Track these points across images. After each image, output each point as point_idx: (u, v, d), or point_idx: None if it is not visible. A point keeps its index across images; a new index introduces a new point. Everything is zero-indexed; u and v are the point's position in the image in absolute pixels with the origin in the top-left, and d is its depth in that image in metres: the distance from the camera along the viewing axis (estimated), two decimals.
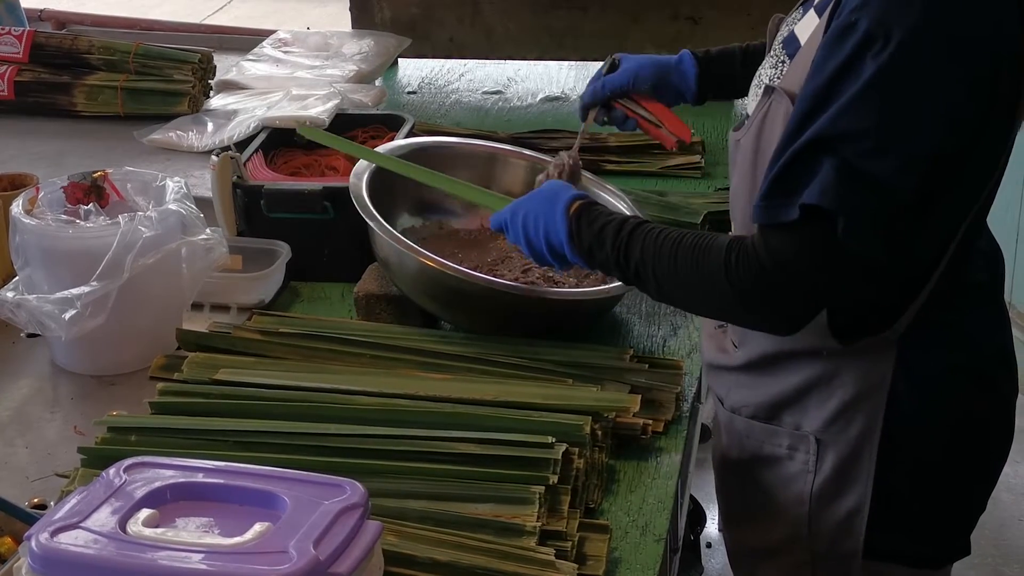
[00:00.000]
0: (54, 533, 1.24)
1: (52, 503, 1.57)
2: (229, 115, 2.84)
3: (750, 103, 1.60)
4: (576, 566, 1.42)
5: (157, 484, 1.32)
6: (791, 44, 1.54)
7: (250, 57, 3.16)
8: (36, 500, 1.62)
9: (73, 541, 1.23)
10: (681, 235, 1.51)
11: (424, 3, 3.21)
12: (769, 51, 1.63)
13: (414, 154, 2.13)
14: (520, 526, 1.44)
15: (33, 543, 1.23)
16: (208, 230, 1.97)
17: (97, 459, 1.57)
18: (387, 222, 1.92)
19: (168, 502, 1.31)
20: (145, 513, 1.27)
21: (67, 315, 1.82)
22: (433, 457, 1.55)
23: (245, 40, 3.48)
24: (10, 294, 1.90)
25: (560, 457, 1.53)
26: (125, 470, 1.35)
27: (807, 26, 1.52)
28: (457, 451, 1.55)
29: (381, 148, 2.14)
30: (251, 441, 1.59)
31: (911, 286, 1.49)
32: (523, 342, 1.85)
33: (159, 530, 1.25)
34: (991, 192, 1.50)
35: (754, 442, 1.66)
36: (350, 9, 3.30)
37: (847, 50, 1.36)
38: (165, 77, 2.94)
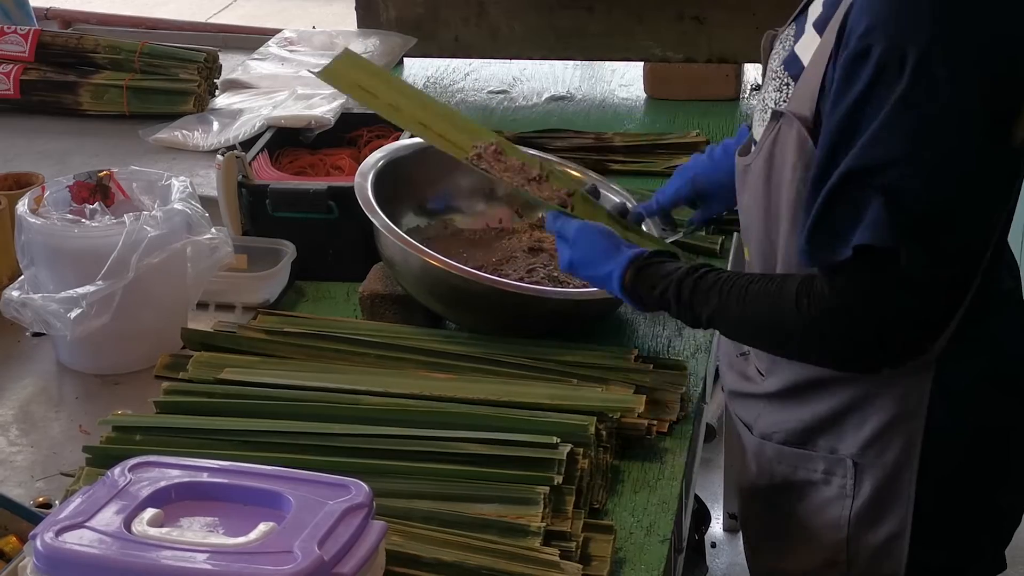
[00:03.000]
0: (59, 532, 1.24)
1: (57, 502, 1.57)
2: (234, 114, 2.84)
3: (756, 127, 1.59)
4: (580, 566, 1.42)
5: (162, 484, 1.32)
6: (793, 65, 1.50)
7: (256, 56, 3.16)
8: (41, 499, 1.63)
9: (78, 540, 1.23)
10: (747, 282, 1.50)
11: (429, 3, 3.20)
12: (766, 69, 1.61)
13: (420, 153, 2.13)
14: (525, 526, 1.44)
15: (38, 542, 1.24)
16: (213, 229, 1.97)
17: (102, 458, 1.58)
18: (392, 222, 1.92)
19: (173, 502, 1.31)
20: (150, 513, 1.27)
21: (72, 314, 1.82)
22: (438, 457, 1.55)
23: (250, 39, 3.47)
24: (15, 293, 1.90)
25: (565, 457, 1.53)
26: (130, 469, 1.35)
27: (807, 46, 1.48)
28: (462, 451, 1.55)
29: (384, 148, 2.13)
30: (256, 441, 1.60)
31: (951, 302, 1.46)
32: (528, 342, 1.85)
33: (164, 530, 1.25)
34: (1016, 197, 1.49)
35: (786, 468, 1.63)
36: (355, 8, 3.30)
37: (864, 79, 1.35)
38: (170, 76, 2.94)
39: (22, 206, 1.92)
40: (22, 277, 1.94)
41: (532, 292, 1.88)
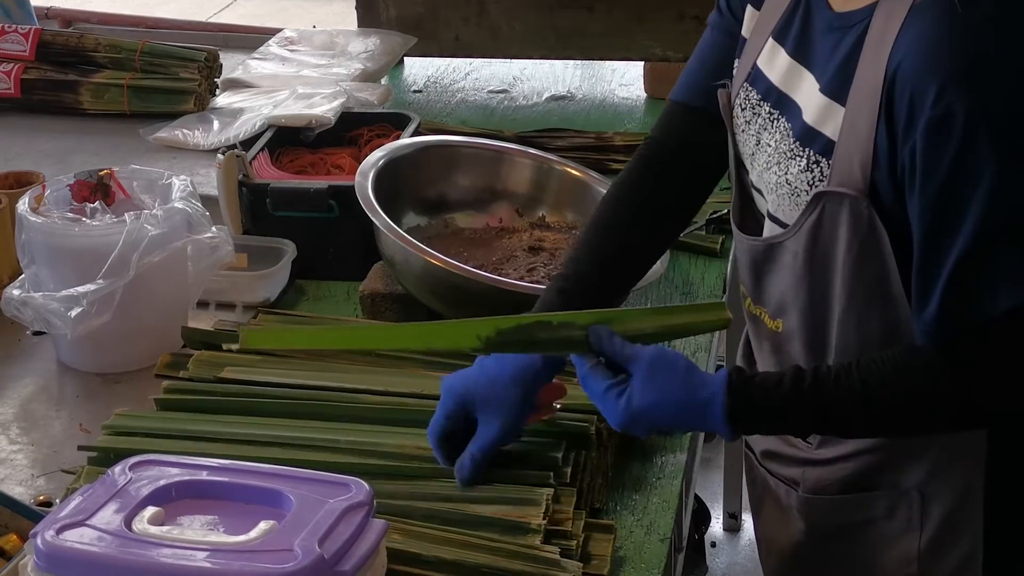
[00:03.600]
0: (60, 531, 1.24)
1: (58, 501, 1.57)
2: (235, 113, 2.84)
3: (775, 203, 1.48)
4: (581, 565, 1.42)
5: (162, 482, 1.33)
6: (814, 140, 1.41)
7: (256, 56, 3.16)
8: (42, 497, 1.63)
9: (79, 539, 1.24)
10: (871, 371, 1.37)
11: (430, 2, 3.20)
12: (734, 132, 1.54)
13: (420, 153, 2.14)
14: (525, 525, 1.44)
15: (39, 541, 1.24)
16: (214, 228, 1.97)
17: (103, 457, 1.58)
18: (393, 221, 1.92)
19: (173, 500, 1.31)
20: (150, 511, 1.27)
21: (73, 313, 1.82)
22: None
23: (251, 38, 3.47)
24: (16, 292, 1.90)
25: (566, 456, 1.53)
26: (130, 468, 1.35)
27: (827, 118, 1.40)
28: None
29: (384, 147, 2.13)
30: (256, 439, 1.60)
31: None
32: None
33: (164, 528, 1.26)
34: None
35: (842, 514, 1.55)
36: (356, 8, 3.30)
37: (955, 143, 1.28)
38: (171, 75, 2.94)
39: (23, 205, 1.92)
40: (22, 276, 1.94)
41: (532, 291, 1.88)
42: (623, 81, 3.18)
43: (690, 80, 1.69)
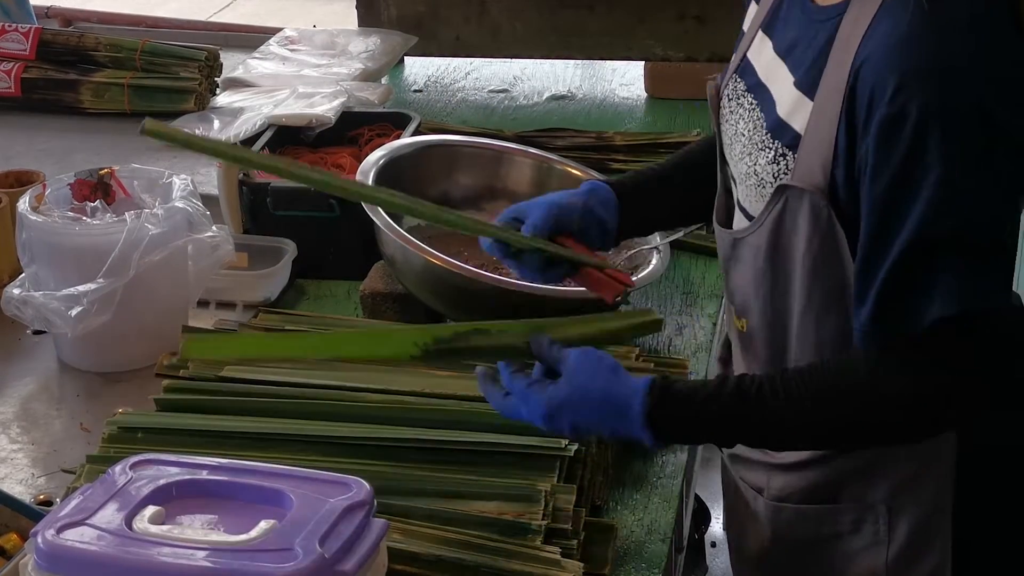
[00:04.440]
0: (60, 530, 1.24)
1: (58, 500, 1.57)
2: (235, 113, 2.84)
3: (743, 193, 1.49)
4: (582, 565, 1.42)
5: (163, 481, 1.32)
6: (784, 133, 1.40)
7: (256, 55, 3.16)
8: (42, 496, 1.63)
9: (79, 538, 1.24)
10: (801, 380, 1.36)
11: (430, 2, 3.20)
12: (720, 124, 1.54)
13: (420, 152, 2.13)
14: (526, 524, 1.44)
15: (39, 540, 1.24)
16: (214, 227, 1.97)
17: (103, 456, 1.58)
18: (393, 220, 1.92)
19: (174, 499, 1.31)
20: (151, 510, 1.27)
21: (73, 312, 1.82)
22: (438, 454, 1.55)
23: (251, 38, 3.47)
24: (16, 291, 1.90)
25: (566, 455, 1.53)
26: (131, 467, 1.35)
27: (796, 111, 1.39)
28: (463, 448, 1.55)
29: (385, 147, 2.13)
30: (256, 438, 1.59)
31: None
32: None
33: (165, 527, 1.25)
34: None
35: (808, 525, 1.53)
36: (356, 7, 3.30)
37: (906, 141, 1.26)
38: (171, 75, 2.94)
39: (23, 204, 1.92)
40: (23, 275, 1.94)
41: (533, 290, 1.87)
42: (624, 81, 3.18)
43: None
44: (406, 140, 2.20)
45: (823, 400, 1.36)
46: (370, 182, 1.98)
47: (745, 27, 1.57)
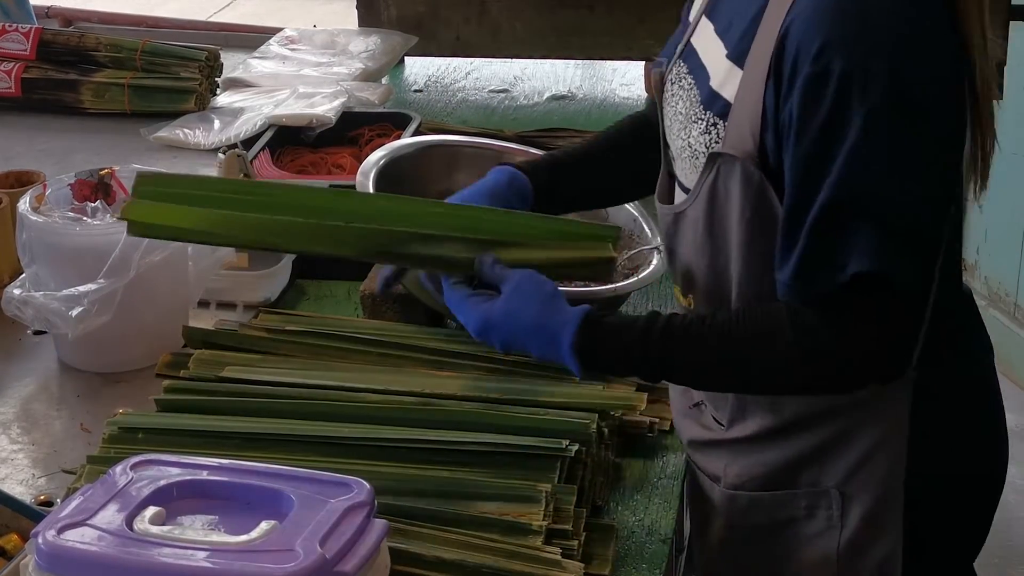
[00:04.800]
0: (60, 530, 1.24)
1: (59, 500, 1.57)
2: (236, 113, 2.84)
3: (680, 168, 1.50)
4: (582, 566, 1.42)
5: (163, 482, 1.32)
6: (715, 103, 1.42)
7: (257, 55, 3.16)
8: (42, 497, 1.63)
9: (80, 538, 1.23)
10: (723, 326, 1.39)
11: (431, 2, 3.21)
12: (663, 107, 1.54)
13: (421, 152, 2.13)
14: (526, 525, 1.44)
15: (40, 540, 1.23)
16: None
17: (103, 457, 1.57)
18: None
19: (174, 500, 1.31)
20: (151, 511, 1.27)
21: (74, 312, 1.82)
22: (439, 455, 1.55)
23: (252, 38, 3.48)
24: (17, 291, 1.90)
25: (567, 456, 1.53)
26: (131, 468, 1.35)
27: (727, 81, 1.41)
28: (463, 449, 1.55)
29: (385, 147, 2.13)
30: (257, 439, 1.59)
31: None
32: None
33: (165, 528, 1.25)
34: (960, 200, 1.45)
35: (763, 512, 1.54)
36: (356, 7, 3.30)
37: (828, 101, 1.29)
38: (172, 75, 2.94)
39: (23, 204, 1.92)
40: (23, 275, 1.94)
41: None
42: (624, 81, 3.18)
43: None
44: (406, 140, 2.20)
45: (747, 347, 1.39)
46: (370, 182, 1.98)
47: (691, 18, 1.58)
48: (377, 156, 2.08)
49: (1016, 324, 3.87)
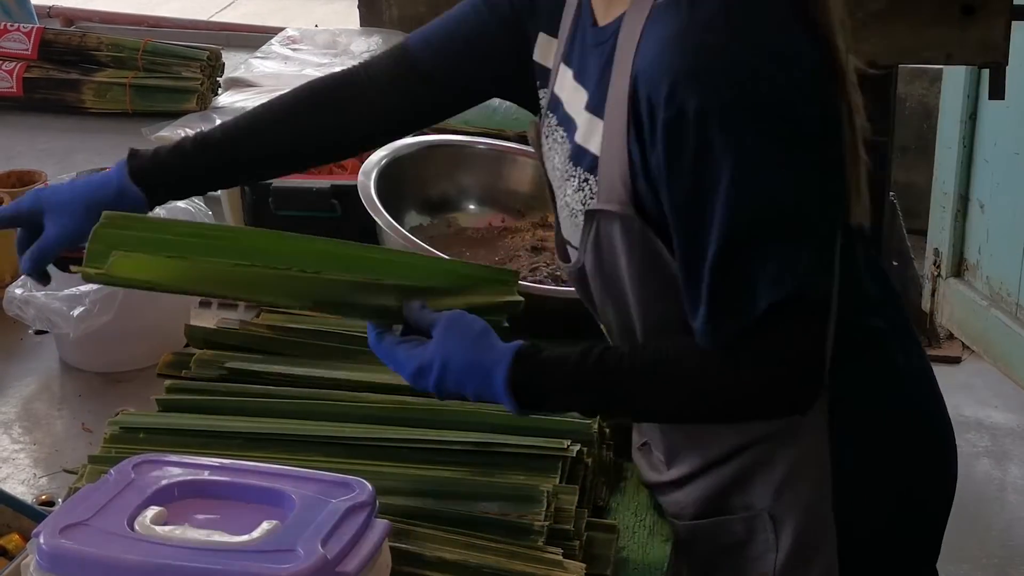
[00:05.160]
0: (62, 530, 1.24)
1: (60, 500, 1.57)
2: (237, 113, 2.83)
3: (565, 228, 1.48)
4: (584, 566, 1.41)
5: (165, 482, 1.32)
6: (583, 158, 1.41)
7: (258, 55, 3.16)
8: (44, 497, 1.63)
9: (81, 539, 1.23)
10: (654, 360, 1.37)
11: (432, 1, 3.20)
12: (544, 163, 1.53)
13: (422, 152, 2.13)
14: (528, 525, 1.44)
15: (41, 540, 1.24)
16: None
17: (105, 457, 1.57)
18: (395, 220, 1.92)
19: (176, 500, 1.31)
20: (153, 511, 1.27)
21: (75, 312, 1.82)
22: (441, 455, 1.55)
23: (253, 37, 3.48)
24: (18, 291, 1.90)
25: (569, 456, 1.53)
26: (133, 468, 1.35)
27: (589, 134, 1.40)
28: (465, 449, 1.55)
29: (387, 147, 2.13)
30: (259, 439, 1.59)
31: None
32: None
33: (167, 528, 1.25)
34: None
35: (705, 539, 1.54)
36: (358, 7, 3.30)
37: (692, 141, 1.27)
38: (173, 74, 2.94)
39: None
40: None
41: (535, 291, 1.87)
42: None
43: (439, 43, 1.69)
44: (408, 140, 2.20)
45: (675, 383, 1.38)
46: (372, 182, 1.98)
47: (538, 58, 1.59)
48: (379, 156, 2.09)
49: (1018, 324, 3.87)
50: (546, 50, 1.58)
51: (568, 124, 1.47)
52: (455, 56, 1.67)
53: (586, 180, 1.41)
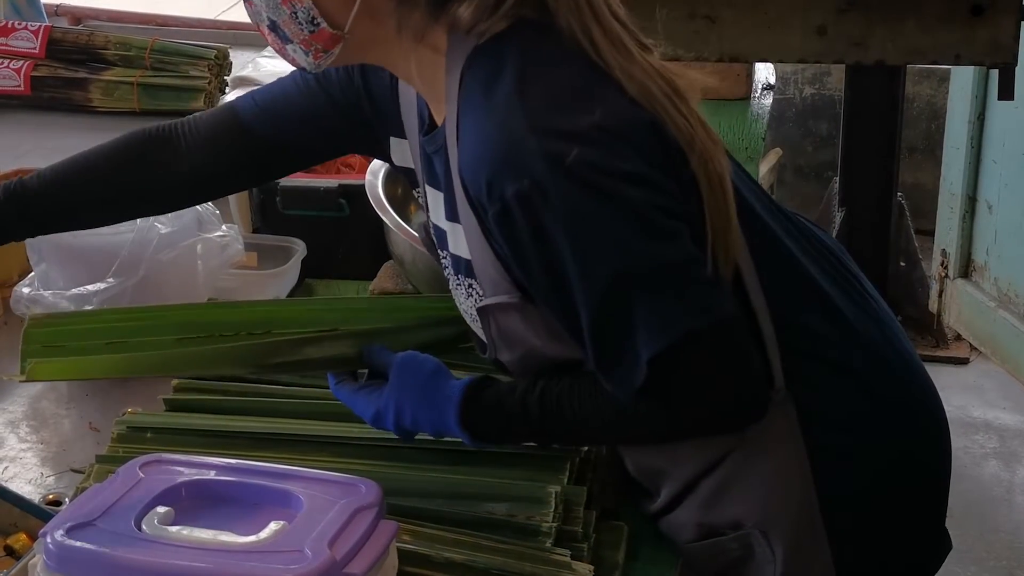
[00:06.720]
0: (69, 530, 1.24)
1: (67, 500, 1.57)
2: None
3: (473, 329, 1.49)
4: (592, 568, 1.41)
5: (172, 482, 1.32)
6: (461, 265, 1.43)
7: (266, 53, 3.16)
8: (51, 496, 1.63)
9: (88, 538, 1.23)
10: (590, 392, 1.40)
11: None
12: (441, 263, 1.53)
13: None
14: (536, 526, 1.44)
15: (48, 540, 1.24)
16: (224, 227, 1.97)
17: (112, 456, 1.57)
18: (402, 219, 1.92)
19: (183, 500, 1.31)
20: (160, 511, 1.27)
21: None
22: (449, 456, 1.55)
23: (260, 36, 3.47)
24: (26, 290, 1.90)
25: (577, 457, 1.52)
26: (140, 467, 1.35)
27: (457, 241, 1.42)
28: (473, 450, 1.54)
29: None
30: (266, 439, 1.59)
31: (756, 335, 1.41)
32: None
33: (174, 528, 1.25)
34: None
35: (705, 560, 1.52)
36: None
37: (523, 228, 1.28)
38: (181, 73, 2.94)
39: None
40: (32, 274, 1.94)
41: None
42: None
43: (270, 108, 1.64)
44: None
45: (617, 426, 1.42)
46: (380, 182, 1.98)
47: (396, 160, 1.59)
48: None
49: None
50: (403, 152, 1.57)
51: (441, 235, 1.48)
52: (284, 121, 1.62)
53: (471, 286, 1.43)
